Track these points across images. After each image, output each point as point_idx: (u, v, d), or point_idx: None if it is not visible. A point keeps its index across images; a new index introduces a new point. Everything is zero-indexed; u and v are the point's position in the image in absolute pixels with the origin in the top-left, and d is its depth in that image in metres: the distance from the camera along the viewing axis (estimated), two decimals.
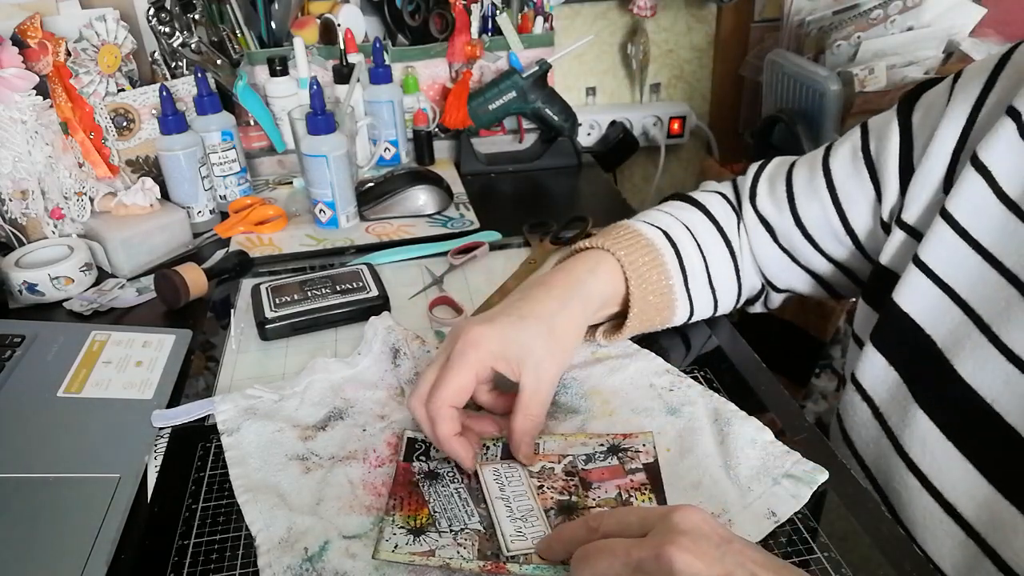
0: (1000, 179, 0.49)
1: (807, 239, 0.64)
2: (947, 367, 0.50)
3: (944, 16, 1.10)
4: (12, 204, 0.85)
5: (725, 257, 0.67)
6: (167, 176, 0.92)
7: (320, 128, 0.88)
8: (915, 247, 0.53)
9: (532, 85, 1.09)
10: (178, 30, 1.02)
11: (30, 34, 0.85)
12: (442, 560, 0.45)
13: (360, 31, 1.10)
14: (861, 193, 0.60)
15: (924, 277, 0.52)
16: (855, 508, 0.49)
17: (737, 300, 0.70)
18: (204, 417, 0.60)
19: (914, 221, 0.55)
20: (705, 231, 0.67)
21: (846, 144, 0.62)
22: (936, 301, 0.52)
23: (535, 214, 0.92)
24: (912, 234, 0.55)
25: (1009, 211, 0.49)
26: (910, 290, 0.53)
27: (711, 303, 0.67)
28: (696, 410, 0.57)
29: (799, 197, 0.64)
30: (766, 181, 0.67)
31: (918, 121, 0.57)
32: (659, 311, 0.63)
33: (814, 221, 0.63)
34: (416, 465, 0.53)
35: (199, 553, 0.48)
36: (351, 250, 0.89)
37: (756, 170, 0.70)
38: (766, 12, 1.37)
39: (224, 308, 0.77)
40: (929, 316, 0.52)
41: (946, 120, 0.53)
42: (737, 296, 0.69)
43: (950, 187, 0.52)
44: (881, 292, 0.56)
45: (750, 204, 0.67)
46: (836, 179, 0.62)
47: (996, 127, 0.49)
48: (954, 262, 0.51)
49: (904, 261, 0.54)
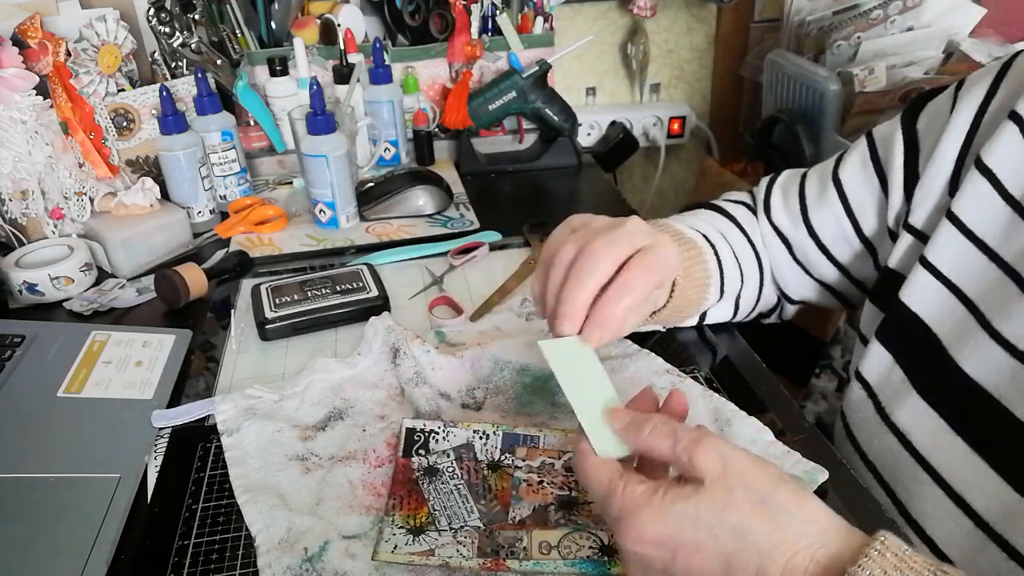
0: (1004, 180, 0.50)
1: (820, 250, 0.65)
2: (950, 362, 0.51)
3: (944, 16, 1.10)
4: (12, 204, 0.85)
5: (755, 270, 0.68)
6: (167, 176, 0.92)
7: (320, 128, 0.88)
8: (921, 249, 0.55)
9: (532, 85, 1.09)
10: (178, 30, 1.02)
11: (30, 34, 0.85)
12: (441, 559, 0.45)
13: (360, 31, 1.10)
14: (872, 200, 0.62)
15: (930, 276, 0.53)
16: (855, 508, 0.49)
17: (752, 311, 0.71)
18: (204, 417, 0.60)
19: (921, 224, 0.56)
20: (738, 242, 0.68)
21: (854, 154, 0.63)
22: (941, 298, 0.53)
23: (535, 214, 0.92)
24: (919, 237, 0.56)
25: (1013, 210, 0.50)
26: (917, 289, 0.54)
27: (731, 311, 0.68)
28: (696, 410, 0.57)
29: (811, 208, 0.65)
30: (779, 193, 0.68)
31: (923, 129, 0.58)
32: (692, 306, 0.62)
33: (827, 231, 0.65)
34: (415, 461, 0.53)
35: (199, 553, 0.48)
36: (351, 250, 0.89)
37: (768, 182, 0.70)
38: (766, 12, 1.36)
39: (224, 308, 0.77)
40: (934, 312, 0.53)
41: (950, 126, 0.55)
42: (753, 307, 0.70)
43: (955, 190, 0.54)
44: (888, 292, 0.57)
45: (765, 217, 0.68)
46: (847, 189, 0.63)
47: (999, 131, 0.51)
48: (959, 260, 0.52)
49: (910, 263, 0.56)
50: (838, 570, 0.35)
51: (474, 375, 0.63)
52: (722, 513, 0.36)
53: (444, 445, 0.54)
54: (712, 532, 0.36)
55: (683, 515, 0.37)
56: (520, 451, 0.53)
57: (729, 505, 0.36)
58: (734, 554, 0.36)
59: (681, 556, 0.37)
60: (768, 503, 0.37)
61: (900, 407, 0.54)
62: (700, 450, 0.38)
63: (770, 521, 0.36)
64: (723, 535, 0.36)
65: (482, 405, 0.60)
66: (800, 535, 0.36)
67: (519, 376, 0.62)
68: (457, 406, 0.60)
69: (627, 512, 0.38)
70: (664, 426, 0.40)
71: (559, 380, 0.45)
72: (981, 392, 0.49)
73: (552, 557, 0.45)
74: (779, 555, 0.35)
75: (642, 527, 0.38)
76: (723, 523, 0.36)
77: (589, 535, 0.47)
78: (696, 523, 0.37)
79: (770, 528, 0.36)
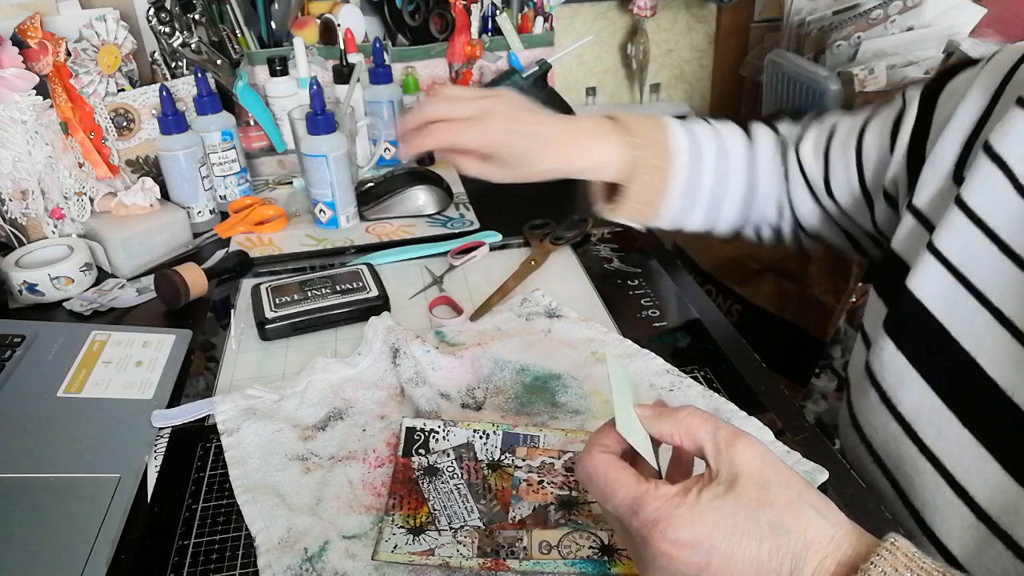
0: (1016, 170, 0.48)
1: (827, 189, 0.68)
2: (965, 356, 0.50)
3: (944, 16, 1.10)
4: (12, 204, 0.85)
5: (741, 184, 0.71)
6: (167, 176, 0.92)
7: (320, 128, 0.88)
8: (925, 235, 0.53)
9: (532, 85, 1.09)
10: (178, 30, 1.02)
11: (30, 34, 0.85)
12: (441, 559, 0.45)
13: (360, 31, 1.10)
14: (876, 155, 0.63)
15: (938, 264, 0.52)
16: (855, 508, 0.49)
17: (742, 223, 0.74)
18: (204, 417, 0.60)
19: (924, 207, 0.55)
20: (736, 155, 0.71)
21: (884, 111, 0.64)
22: (950, 289, 0.51)
23: (535, 214, 0.92)
24: (922, 221, 0.55)
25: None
26: (923, 277, 0.53)
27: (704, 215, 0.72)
28: None
29: (833, 148, 0.67)
30: (814, 129, 0.70)
31: (940, 105, 0.57)
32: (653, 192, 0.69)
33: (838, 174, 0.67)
34: (415, 460, 0.53)
35: (199, 553, 0.48)
36: (351, 250, 0.89)
37: (808, 118, 0.72)
38: (766, 12, 1.37)
39: (224, 308, 0.77)
40: (942, 304, 0.52)
41: (963, 105, 0.53)
42: (741, 216, 0.73)
43: (960, 176, 0.52)
44: (893, 281, 0.56)
45: (794, 149, 0.70)
46: (865, 140, 0.64)
47: (1007, 117, 0.49)
48: (968, 251, 0.51)
49: (914, 248, 0.54)
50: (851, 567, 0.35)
51: (474, 375, 0.63)
52: (759, 509, 0.36)
53: (444, 444, 0.54)
54: (748, 530, 0.35)
55: (720, 512, 0.36)
56: (520, 451, 0.53)
57: (765, 503, 0.36)
58: (770, 553, 0.35)
59: (716, 559, 0.35)
60: (801, 501, 0.36)
61: (909, 399, 0.54)
62: (740, 443, 0.38)
63: (804, 520, 0.36)
64: (759, 531, 0.35)
65: (482, 405, 0.60)
66: (830, 538, 0.36)
67: (519, 376, 0.62)
68: (457, 406, 0.60)
69: (664, 513, 0.36)
70: (703, 412, 0.40)
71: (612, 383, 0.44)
72: (992, 385, 0.48)
73: (552, 557, 0.45)
74: (813, 555, 0.35)
75: (680, 528, 0.36)
76: (759, 518, 0.36)
77: (589, 535, 0.47)
78: (734, 520, 0.36)
79: (803, 526, 0.36)
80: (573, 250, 0.86)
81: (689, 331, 0.70)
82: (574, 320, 0.70)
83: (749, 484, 0.36)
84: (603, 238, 0.89)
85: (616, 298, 0.76)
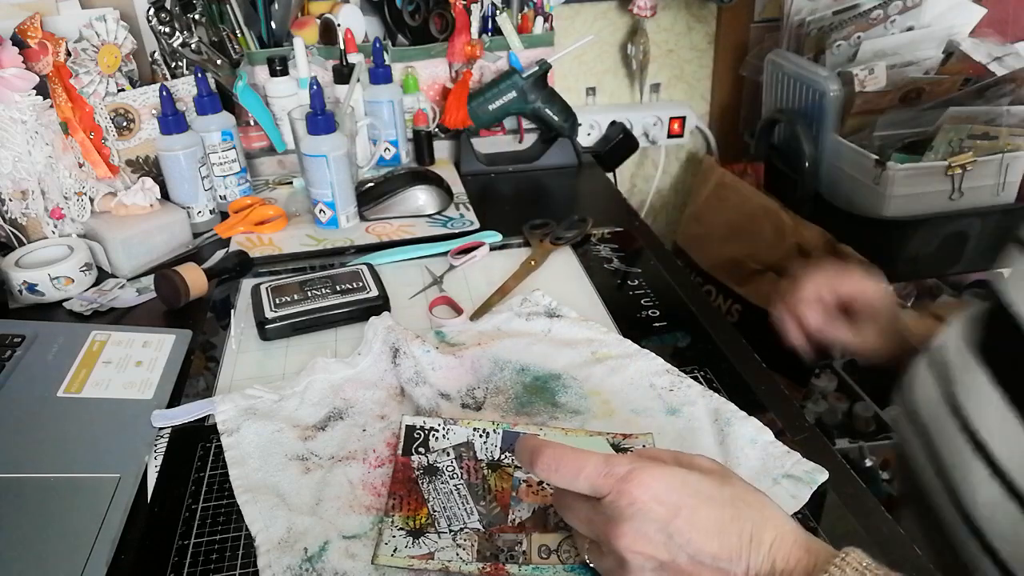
0: None
1: None
2: None
3: (944, 16, 1.10)
4: (12, 204, 0.85)
5: None
6: (167, 176, 0.92)
7: (320, 128, 0.88)
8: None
9: (532, 85, 1.09)
10: (178, 30, 1.02)
11: (30, 34, 0.85)
12: (441, 563, 0.45)
13: (360, 31, 1.10)
14: None
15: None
16: (855, 508, 0.49)
17: None
18: (204, 417, 0.60)
19: None
20: None
21: None
22: None
23: (535, 214, 0.92)
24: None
25: None
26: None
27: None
28: (696, 410, 0.57)
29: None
30: None
31: None
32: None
33: None
34: (415, 459, 0.53)
35: (199, 553, 0.48)
36: (351, 250, 0.89)
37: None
38: (766, 12, 1.36)
39: (224, 308, 0.77)
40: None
41: None
42: None
43: None
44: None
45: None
46: None
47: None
48: None
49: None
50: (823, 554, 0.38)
51: (474, 375, 0.63)
52: (722, 485, 0.40)
53: (444, 443, 0.54)
54: (711, 496, 0.39)
55: (687, 477, 0.40)
56: None
57: (727, 482, 0.41)
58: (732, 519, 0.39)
59: (684, 515, 0.38)
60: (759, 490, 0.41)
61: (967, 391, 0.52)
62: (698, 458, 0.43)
63: (762, 498, 0.41)
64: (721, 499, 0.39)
65: (482, 405, 0.60)
66: (785, 519, 0.40)
67: (519, 376, 0.62)
68: (457, 406, 0.60)
69: (638, 465, 0.40)
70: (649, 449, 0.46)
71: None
72: None
73: (551, 562, 0.45)
74: (771, 527, 0.39)
75: (653, 479, 0.39)
76: (723, 490, 0.40)
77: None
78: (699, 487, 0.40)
79: (762, 502, 0.40)
80: (573, 250, 0.86)
81: (689, 331, 0.70)
82: (574, 320, 0.70)
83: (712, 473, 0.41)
84: (603, 238, 0.89)
85: (616, 298, 0.76)
